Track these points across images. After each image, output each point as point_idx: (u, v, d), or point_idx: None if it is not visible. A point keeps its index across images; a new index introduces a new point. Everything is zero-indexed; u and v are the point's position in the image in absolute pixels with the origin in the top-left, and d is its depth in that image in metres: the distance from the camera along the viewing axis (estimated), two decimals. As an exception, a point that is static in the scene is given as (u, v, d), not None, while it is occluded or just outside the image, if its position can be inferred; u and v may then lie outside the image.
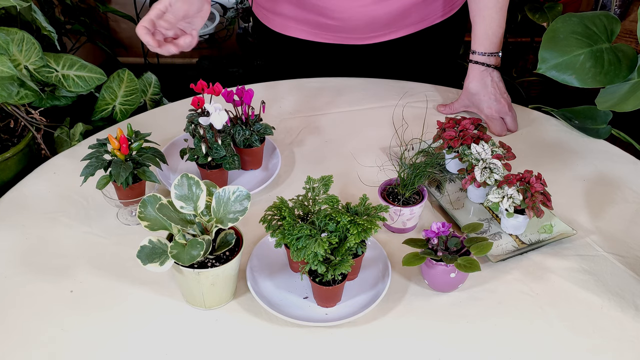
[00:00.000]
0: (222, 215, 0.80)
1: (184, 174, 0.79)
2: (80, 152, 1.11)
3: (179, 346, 0.81)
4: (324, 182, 0.87)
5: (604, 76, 1.06)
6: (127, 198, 0.97)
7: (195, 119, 1.02)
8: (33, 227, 0.99)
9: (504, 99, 1.22)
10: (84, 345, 0.81)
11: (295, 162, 1.15)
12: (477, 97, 1.22)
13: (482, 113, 1.23)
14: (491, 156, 1.00)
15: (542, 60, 1.08)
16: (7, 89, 1.14)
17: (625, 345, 0.82)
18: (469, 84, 1.23)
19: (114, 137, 0.94)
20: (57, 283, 0.90)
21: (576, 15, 1.10)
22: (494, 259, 0.93)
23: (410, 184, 0.95)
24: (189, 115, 1.04)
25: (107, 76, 1.39)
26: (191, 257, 0.76)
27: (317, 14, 1.28)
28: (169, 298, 0.88)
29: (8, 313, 0.85)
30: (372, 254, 0.92)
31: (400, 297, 0.88)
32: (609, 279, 0.91)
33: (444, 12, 1.34)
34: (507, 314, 0.86)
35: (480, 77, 1.22)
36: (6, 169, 1.20)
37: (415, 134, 1.16)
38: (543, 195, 0.94)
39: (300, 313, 0.84)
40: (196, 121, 1.01)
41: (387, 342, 0.82)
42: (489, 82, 1.21)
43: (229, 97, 1.06)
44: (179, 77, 2.47)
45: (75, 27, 2.19)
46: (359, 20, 1.27)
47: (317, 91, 1.36)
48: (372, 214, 0.85)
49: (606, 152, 1.19)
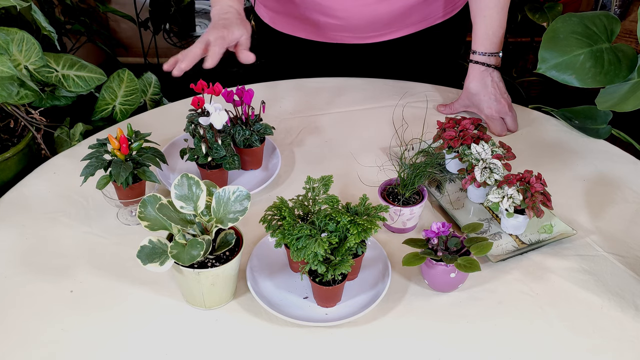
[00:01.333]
0: (222, 215, 0.80)
1: (184, 174, 0.79)
2: (80, 152, 1.11)
3: (179, 346, 0.81)
4: (324, 182, 0.87)
5: (604, 76, 1.06)
6: (127, 198, 0.97)
7: (195, 119, 1.02)
8: (33, 227, 0.99)
9: (504, 99, 1.22)
10: (84, 345, 0.81)
11: (295, 162, 1.15)
12: (477, 97, 1.22)
13: (482, 113, 1.23)
14: (491, 156, 1.00)
15: (542, 60, 1.08)
16: (7, 89, 1.14)
17: (625, 345, 0.82)
18: (469, 84, 1.23)
19: (114, 137, 0.94)
20: (57, 283, 0.90)
21: (576, 15, 1.10)
22: (494, 259, 0.93)
23: (410, 184, 0.95)
24: (189, 115, 1.04)
25: (107, 76, 1.39)
26: (191, 257, 0.76)
27: (319, 13, 1.28)
28: (169, 298, 0.88)
29: (8, 313, 0.85)
30: (372, 254, 0.92)
31: (400, 297, 0.88)
32: (609, 279, 0.91)
33: (445, 12, 1.34)
34: (507, 314, 0.86)
35: (481, 77, 1.22)
36: (6, 169, 1.20)
37: (415, 134, 1.16)
38: (543, 195, 0.94)
39: (300, 313, 0.84)
40: (196, 121, 1.01)
41: (387, 342, 0.82)
42: (489, 82, 1.21)
43: (229, 97, 1.06)
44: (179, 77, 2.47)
45: (75, 27, 2.19)
46: (361, 20, 1.28)
47: (317, 91, 1.36)
48: (372, 214, 0.85)
49: (606, 152, 1.19)
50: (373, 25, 1.29)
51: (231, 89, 1.07)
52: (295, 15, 1.32)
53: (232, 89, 1.07)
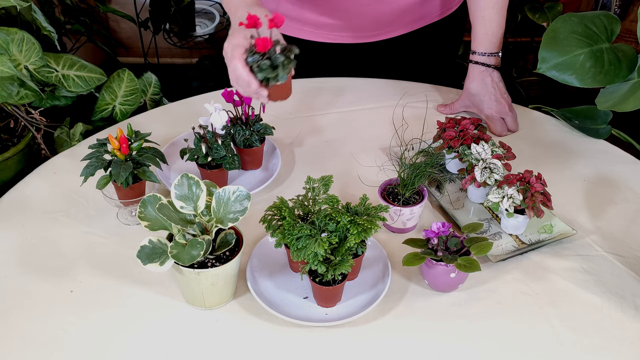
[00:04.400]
0: (222, 215, 0.80)
1: (184, 174, 0.79)
2: (80, 152, 1.11)
3: (179, 346, 0.81)
4: (324, 182, 0.87)
5: (604, 76, 1.06)
6: (127, 198, 0.97)
7: (263, 63, 0.90)
8: (33, 227, 0.99)
9: (504, 99, 1.22)
10: (84, 345, 0.81)
11: (295, 162, 1.15)
12: (478, 97, 1.22)
13: (483, 113, 1.23)
14: (491, 156, 1.00)
15: (542, 60, 1.08)
16: (7, 89, 1.14)
17: (625, 345, 0.82)
18: (470, 84, 1.23)
19: (114, 137, 0.94)
20: (57, 283, 0.90)
21: (576, 15, 1.10)
22: (494, 259, 0.93)
23: (410, 184, 0.95)
24: (251, 60, 0.91)
25: (107, 76, 1.39)
26: (191, 257, 0.76)
27: (320, 15, 1.28)
28: (169, 298, 0.88)
29: (8, 313, 0.85)
30: (372, 254, 0.92)
31: (400, 297, 0.88)
32: (609, 279, 0.91)
33: (441, 10, 1.34)
34: (507, 314, 0.86)
35: (481, 77, 1.22)
36: (6, 169, 1.20)
37: (415, 134, 1.16)
38: (543, 195, 0.94)
39: (300, 313, 0.84)
40: (255, 60, 0.90)
41: (387, 342, 0.82)
42: (489, 82, 1.21)
43: (229, 97, 1.06)
44: (179, 77, 2.47)
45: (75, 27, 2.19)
46: (362, 19, 1.28)
47: (317, 91, 1.36)
48: (372, 214, 0.85)
49: (606, 152, 1.19)
50: (373, 25, 1.29)
51: (231, 88, 1.07)
52: (295, 17, 1.32)
53: (232, 88, 1.07)
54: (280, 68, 0.90)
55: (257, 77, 0.91)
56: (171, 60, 2.77)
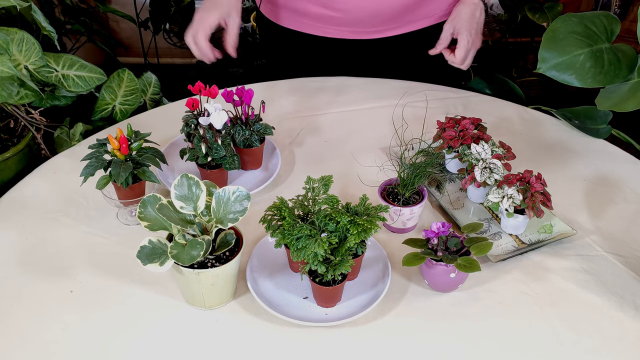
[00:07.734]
0: (222, 216, 0.80)
1: (184, 174, 0.79)
2: (80, 152, 1.11)
3: (179, 346, 0.81)
4: (324, 182, 0.87)
5: (604, 76, 1.06)
6: (127, 198, 0.97)
7: (190, 121, 1.02)
8: (33, 227, 0.99)
9: (479, 38, 1.27)
10: (84, 345, 0.81)
11: (295, 162, 1.15)
12: (463, 24, 1.25)
13: (460, 40, 1.24)
14: (491, 156, 1.00)
15: (542, 60, 1.08)
16: (7, 89, 1.14)
17: (625, 345, 0.82)
18: (461, 9, 1.26)
19: (114, 137, 0.94)
20: (57, 283, 0.90)
21: (576, 15, 1.10)
22: (494, 259, 0.93)
23: (410, 184, 0.95)
24: (185, 117, 1.04)
25: (107, 76, 1.39)
26: (191, 257, 0.76)
27: (320, 6, 1.29)
28: (169, 298, 0.88)
29: (8, 313, 0.85)
30: (372, 254, 0.92)
31: (400, 297, 0.88)
32: (609, 279, 0.91)
33: (448, 10, 1.34)
34: (507, 314, 0.86)
35: (471, 8, 1.25)
36: (6, 169, 1.20)
37: (415, 134, 1.16)
38: (543, 195, 0.94)
39: (300, 313, 0.84)
40: (192, 122, 1.01)
41: (387, 342, 0.82)
42: (477, 14, 1.26)
43: (229, 97, 1.06)
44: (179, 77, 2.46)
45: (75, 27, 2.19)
46: (362, 13, 1.28)
47: (317, 91, 1.36)
48: (372, 214, 0.85)
49: (606, 152, 1.19)
50: (374, 19, 1.29)
51: (231, 89, 1.07)
52: (295, 9, 1.32)
53: (232, 89, 1.07)
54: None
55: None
56: (171, 60, 2.77)
